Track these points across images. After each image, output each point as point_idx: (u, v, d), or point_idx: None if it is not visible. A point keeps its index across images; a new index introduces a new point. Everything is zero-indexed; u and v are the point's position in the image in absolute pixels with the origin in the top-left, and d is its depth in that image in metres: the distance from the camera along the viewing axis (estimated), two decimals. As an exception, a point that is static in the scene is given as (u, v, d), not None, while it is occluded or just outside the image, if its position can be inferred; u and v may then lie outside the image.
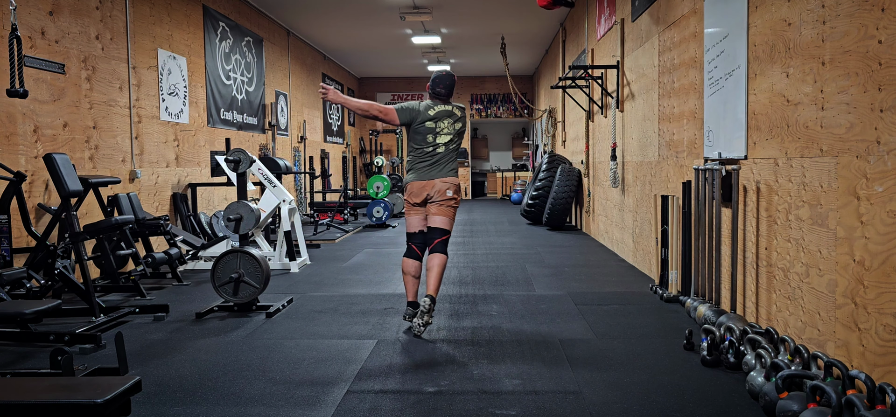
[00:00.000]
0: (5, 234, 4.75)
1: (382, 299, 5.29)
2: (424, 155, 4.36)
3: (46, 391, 2.13)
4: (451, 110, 4.42)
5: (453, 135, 4.40)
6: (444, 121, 4.38)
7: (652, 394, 3.11)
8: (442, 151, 4.37)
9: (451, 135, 4.39)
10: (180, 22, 7.90)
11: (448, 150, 4.38)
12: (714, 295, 4.38)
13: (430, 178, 4.34)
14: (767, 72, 3.74)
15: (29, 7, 5.25)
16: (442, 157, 4.37)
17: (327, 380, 3.36)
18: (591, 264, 7.00)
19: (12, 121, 5.09)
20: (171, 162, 7.59)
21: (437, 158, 4.36)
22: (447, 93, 4.42)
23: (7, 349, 4.01)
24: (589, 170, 9.47)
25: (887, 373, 2.69)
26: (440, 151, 4.36)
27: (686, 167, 5.11)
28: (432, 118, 4.36)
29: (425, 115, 4.36)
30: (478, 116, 19.38)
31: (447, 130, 4.38)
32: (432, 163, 4.36)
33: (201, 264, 6.76)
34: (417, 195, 4.35)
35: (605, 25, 8.25)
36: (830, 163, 3.08)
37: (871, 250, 2.76)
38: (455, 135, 4.42)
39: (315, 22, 11.74)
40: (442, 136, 4.37)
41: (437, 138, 4.36)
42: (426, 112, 4.36)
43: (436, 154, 4.36)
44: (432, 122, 4.36)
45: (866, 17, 2.80)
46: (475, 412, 2.93)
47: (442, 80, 4.42)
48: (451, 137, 4.39)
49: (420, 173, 4.36)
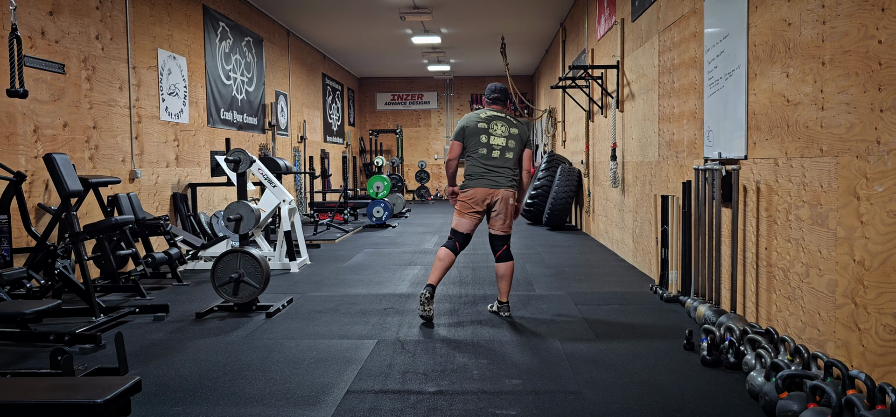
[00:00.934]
0: (5, 234, 4.75)
1: (382, 299, 5.29)
2: (481, 159, 4.46)
3: (46, 391, 2.13)
4: (505, 116, 4.55)
5: (508, 139, 4.48)
6: (496, 124, 4.49)
7: (652, 394, 3.11)
8: (497, 155, 4.46)
9: (506, 138, 4.47)
10: (180, 22, 7.90)
11: (504, 157, 4.46)
12: (714, 295, 4.38)
13: (496, 186, 4.44)
14: (767, 72, 3.74)
15: (29, 7, 5.25)
16: (499, 163, 4.46)
17: (327, 380, 3.36)
18: (591, 264, 7.00)
19: (12, 121, 5.09)
20: (171, 162, 7.59)
21: (494, 163, 4.45)
22: (504, 98, 4.67)
23: (7, 349, 4.01)
24: (589, 169, 9.47)
25: (887, 373, 2.69)
26: (495, 155, 4.46)
27: (686, 167, 5.11)
28: (483, 120, 4.49)
29: (475, 121, 4.51)
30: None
31: (501, 133, 4.48)
32: (489, 168, 4.45)
33: (201, 264, 6.76)
34: (479, 202, 4.45)
35: (605, 25, 8.25)
36: (830, 163, 3.08)
37: (871, 250, 2.76)
38: (510, 139, 4.48)
39: (315, 22, 11.75)
40: (496, 139, 4.47)
41: (491, 140, 4.47)
42: (476, 116, 4.51)
43: (491, 158, 4.46)
44: (484, 124, 4.49)
45: (866, 17, 2.80)
46: (475, 412, 2.93)
47: (498, 89, 4.69)
48: (505, 141, 4.47)
49: (482, 180, 4.45)
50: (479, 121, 4.51)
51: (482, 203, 4.47)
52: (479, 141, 4.47)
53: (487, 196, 4.45)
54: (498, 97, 4.69)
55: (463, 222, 4.51)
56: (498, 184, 4.45)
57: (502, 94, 4.69)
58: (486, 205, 4.48)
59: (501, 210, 4.47)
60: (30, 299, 4.35)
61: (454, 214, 4.59)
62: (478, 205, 4.47)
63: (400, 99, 19.31)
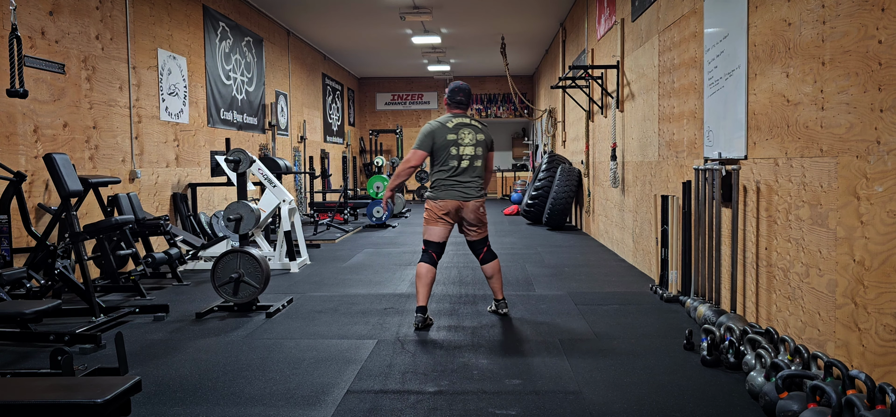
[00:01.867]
0: (5, 234, 4.75)
1: (382, 299, 5.29)
2: (450, 170, 4.37)
3: (46, 391, 2.13)
4: (471, 123, 4.43)
5: (476, 146, 4.39)
6: (465, 133, 4.38)
7: (652, 394, 3.11)
8: (466, 165, 4.37)
9: (474, 146, 4.39)
10: (180, 22, 7.90)
11: (473, 166, 4.39)
12: (714, 295, 4.38)
13: (464, 199, 4.38)
14: (767, 72, 3.74)
15: (29, 7, 5.25)
16: (469, 174, 4.38)
17: (327, 380, 3.36)
18: (591, 264, 7.00)
19: (12, 121, 5.09)
20: (171, 162, 7.59)
21: (463, 173, 4.37)
22: (466, 101, 4.50)
23: (7, 349, 4.01)
24: (589, 169, 9.47)
25: (887, 373, 2.69)
26: (465, 165, 4.37)
27: (686, 167, 5.11)
28: (451, 129, 4.38)
29: (444, 131, 4.38)
30: (478, 116, 19.39)
31: (469, 141, 4.38)
32: (460, 180, 4.38)
33: (201, 264, 6.76)
34: (451, 213, 4.39)
35: (605, 25, 8.25)
36: (830, 163, 3.08)
37: (871, 250, 2.76)
38: (478, 146, 4.40)
39: (315, 22, 11.75)
40: (465, 148, 4.37)
41: (462, 150, 4.37)
42: (445, 126, 4.39)
43: (461, 170, 4.37)
44: (453, 134, 4.38)
45: (866, 17, 2.80)
46: (475, 412, 2.93)
47: (462, 89, 4.49)
48: (473, 149, 4.38)
49: (450, 192, 4.37)
50: (448, 132, 4.36)
51: (454, 213, 4.41)
52: (450, 153, 4.35)
53: (458, 207, 4.39)
54: (462, 100, 4.50)
55: (435, 231, 4.40)
56: (468, 196, 4.39)
57: (466, 96, 4.51)
58: (457, 216, 4.43)
59: (473, 220, 4.44)
60: (30, 299, 4.35)
61: (423, 224, 4.47)
62: (449, 216, 4.40)
63: (400, 99, 19.31)
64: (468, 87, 4.55)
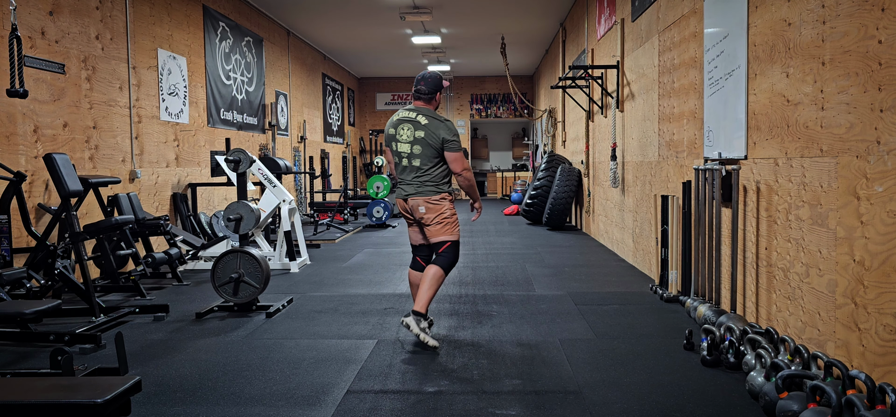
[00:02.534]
0: (5, 234, 4.75)
1: (382, 299, 5.29)
2: (397, 168, 4.07)
3: (46, 391, 2.13)
4: (415, 117, 3.96)
5: (412, 144, 3.94)
6: (403, 129, 3.99)
7: (652, 394, 3.11)
8: (405, 163, 3.99)
9: (411, 144, 3.94)
10: (180, 22, 7.90)
11: (411, 164, 3.96)
12: (714, 295, 4.38)
13: (404, 197, 4.03)
14: (767, 72, 3.74)
15: (29, 7, 5.25)
16: (408, 170, 3.99)
17: (327, 380, 3.36)
18: (591, 264, 7.00)
19: (12, 121, 5.09)
20: (171, 162, 7.59)
21: (404, 171, 4.02)
22: (428, 91, 4.01)
23: (7, 349, 4.01)
24: (589, 169, 9.47)
25: (887, 373, 2.69)
26: (404, 163, 3.99)
27: (686, 167, 5.11)
28: (394, 124, 4.04)
29: (390, 125, 4.07)
30: (478, 116, 19.38)
31: (405, 138, 3.96)
32: (402, 177, 4.04)
33: (201, 264, 6.76)
34: (404, 212, 4.12)
35: (605, 25, 8.25)
36: (830, 163, 3.08)
37: (871, 250, 2.76)
38: (416, 144, 3.93)
39: (315, 22, 11.75)
40: (401, 146, 3.98)
41: (399, 147, 4.00)
42: (393, 120, 4.08)
43: (400, 166, 4.02)
44: (393, 128, 4.03)
45: (866, 17, 2.80)
46: (475, 412, 2.93)
47: (423, 78, 4.03)
48: (409, 147, 3.94)
49: (397, 191, 4.10)
50: (390, 127, 4.05)
51: (408, 212, 4.07)
52: (393, 149, 4.04)
53: (404, 206, 4.06)
54: (421, 90, 4.01)
55: (409, 234, 4.23)
56: (406, 194, 4.01)
57: (427, 85, 4.00)
58: (409, 216, 4.09)
59: (419, 219, 4.02)
60: (30, 299, 4.36)
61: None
62: (408, 216, 4.09)
63: (400, 99, 19.30)
64: (434, 76, 4.04)
